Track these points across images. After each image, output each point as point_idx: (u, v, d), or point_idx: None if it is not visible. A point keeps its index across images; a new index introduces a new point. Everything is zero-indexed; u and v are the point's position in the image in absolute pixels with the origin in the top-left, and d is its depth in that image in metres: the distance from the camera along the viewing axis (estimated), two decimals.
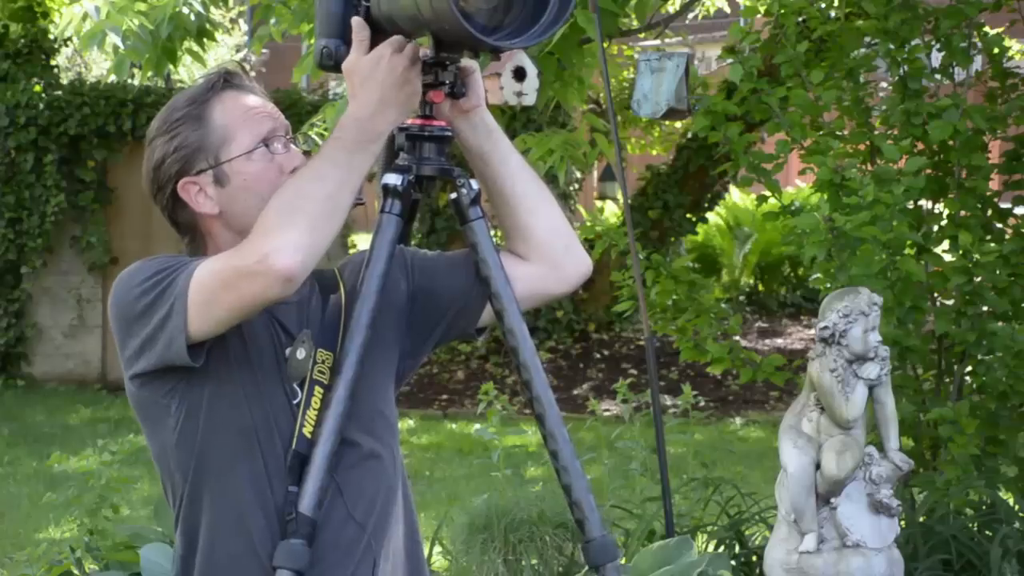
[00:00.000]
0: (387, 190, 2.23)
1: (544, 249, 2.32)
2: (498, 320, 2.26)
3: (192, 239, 2.27)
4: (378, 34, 2.25)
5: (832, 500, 3.64)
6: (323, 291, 2.28)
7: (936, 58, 4.92)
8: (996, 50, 4.91)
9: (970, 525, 4.69)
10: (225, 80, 2.22)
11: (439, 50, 2.16)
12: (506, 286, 2.24)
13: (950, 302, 4.82)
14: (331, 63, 2.24)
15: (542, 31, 2.12)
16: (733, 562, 4.61)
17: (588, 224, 12.14)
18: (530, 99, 5.01)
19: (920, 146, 4.82)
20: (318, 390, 2.17)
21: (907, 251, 4.61)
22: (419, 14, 2.07)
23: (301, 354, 2.17)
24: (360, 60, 2.14)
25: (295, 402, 2.17)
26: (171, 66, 6.05)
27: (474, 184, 2.27)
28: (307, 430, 2.14)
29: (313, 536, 2.11)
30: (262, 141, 2.19)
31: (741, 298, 13.40)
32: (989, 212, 4.92)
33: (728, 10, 10.25)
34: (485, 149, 2.28)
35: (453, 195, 2.27)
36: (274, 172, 2.18)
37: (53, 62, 10.93)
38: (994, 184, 5.07)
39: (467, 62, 2.21)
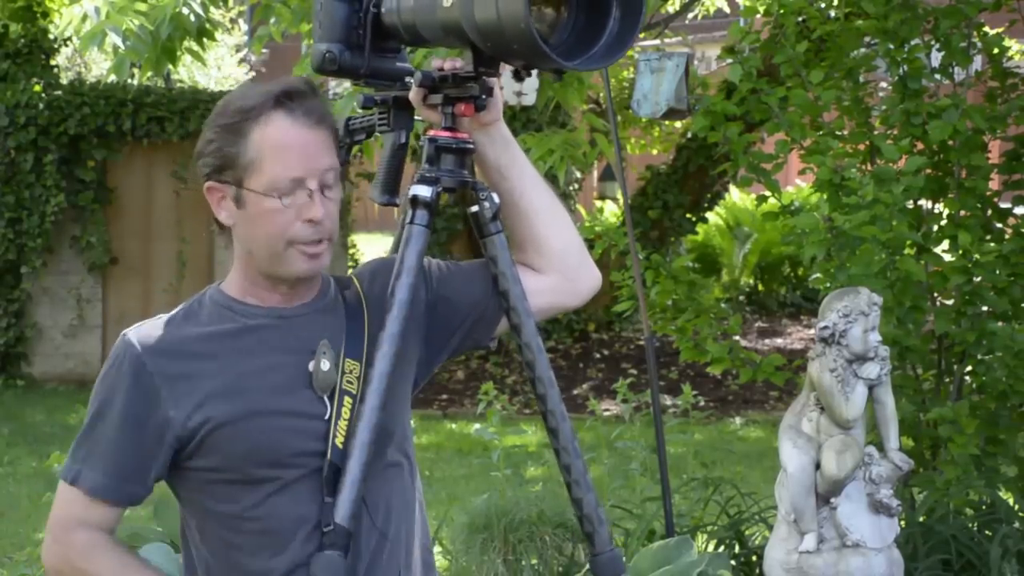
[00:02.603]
0: (416, 202, 2.21)
1: (558, 263, 2.32)
2: (514, 333, 2.26)
3: (222, 231, 2.23)
4: (389, 39, 2.24)
5: (832, 500, 3.65)
6: (345, 299, 2.27)
7: (936, 58, 4.92)
8: (996, 50, 4.91)
9: (970, 525, 4.69)
10: (279, 100, 2.13)
11: (479, 65, 2.15)
12: (523, 300, 2.25)
13: (950, 302, 4.82)
14: (334, 68, 2.23)
15: (602, 55, 2.10)
16: (733, 562, 4.61)
17: (588, 224, 12.15)
18: (530, 99, 5.00)
19: (920, 146, 4.82)
20: (347, 400, 2.16)
21: (907, 251, 4.61)
22: (472, 25, 2.04)
23: (326, 365, 2.17)
24: None
25: (325, 417, 2.16)
26: (171, 66, 6.05)
27: (495, 198, 2.27)
28: (339, 441, 2.14)
29: (349, 547, 2.10)
30: (285, 186, 2.12)
31: (741, 298, 13.40)
32: (989, 212, 4.92)
33: (728, 10, 10.25)
34: (503, 162, 2.29)
35: (474, 208, 2.26)
36: (288, 216, 2.14)
37: (53, 62, 10.93)
38: (994, 184, 5.07)
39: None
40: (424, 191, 2.21)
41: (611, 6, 2.09)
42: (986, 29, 4.98)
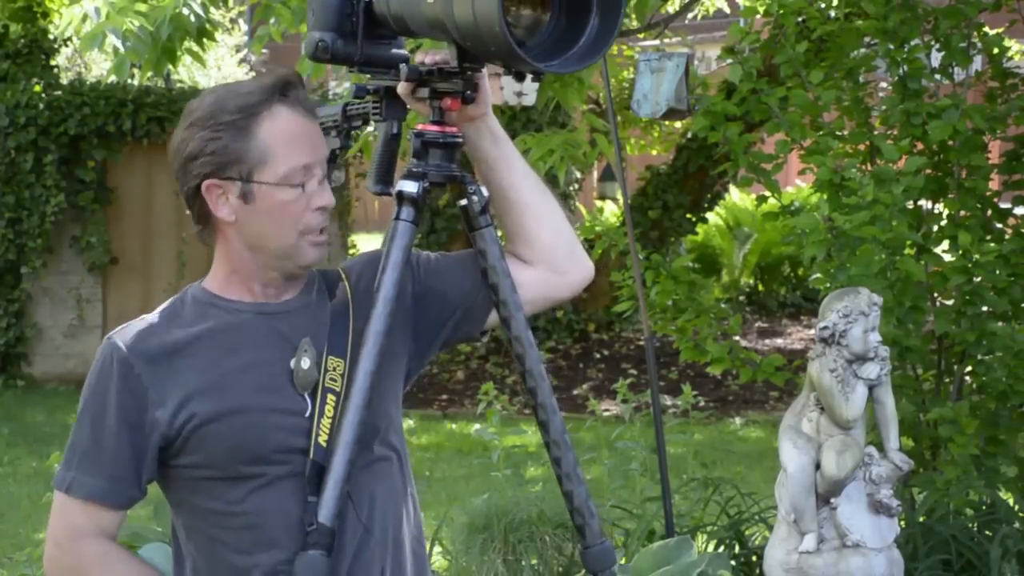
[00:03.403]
0: (402, 197, 2.22)
1: (548, 254, 2.33)
2: (504, 327, 2.26)
3: (205, 229, 2.22)
4: (379, 28, 2.25)
5: (832, 500, 3.64)
6: (332, 295, 2.27)
7: (936, 58, 4.92)
8: (996, 50, 4.91)
9: (970, 525, 4.69)
10: (281, 92, 2.16)
11: (463, 61, 2.15)
12: (513, 293, 2.25)
13: (950, 302, 4.82)
14: (327, 56, 2.23)
15: (580, 57, 2.10)
16: (733, 562, 4.61)
17: (588, 224, 12.16)
18: (530, 99, 5.00)
19: (920, 146, 4.82)
20: (331, 398, 2.16)
21: (907, 251, 4.61)
22: (453, 24, 2.05)
23: (306, 363, 2.17)
24: None
25: (306, 415, 2.17)
26: (171, 66, 6.05)
27: (484, 191, 2.28)
28: (323, 439, 2.14)
29: (332, 546, 2.10)
30: (297, 175, 2.15)
31: (741, 298, 13.40)
32: (989, 212, 4.92)
33: (728, 10, 10.25)
34: (491, 155, 2.30)
35: (463, 202, 2.27)
36: (300, 206, 2.16)
37: (53, 62, 10.94)
38: (994, 184, 5.07)
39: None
40: (410, 187, 2.22)
41: (591, 7, 2.09)
42: (986, 29, 4.98)
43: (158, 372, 2.15)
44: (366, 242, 13.29)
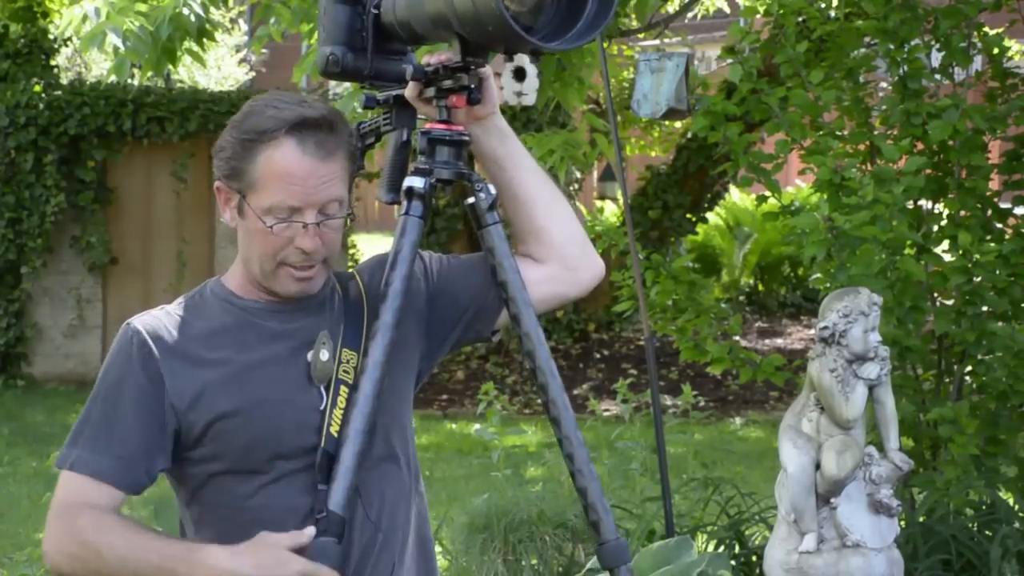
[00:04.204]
0: (411, 193, 2.24)
1: (559, 252, 2.34)
2: (514, 324, 2.27)
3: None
4: (388, 41, 2.26)
5: (832, 500, 3.64)
6: (344, 291, 2.29)
7: (936, 58, 4.92)
8: (996, 50, 4.91)
9: (970, 525, 4.68)
10: (292, 128, 2.16)
11: (466, 54, 2.16)
12: (522, 290, 2.26)
13: (950, 302, 4.82)
14: (337, 70, 2.25)
15: (579, 35, 2.12)
16: (733, 562, 4.61)
17: (588, 224, 12.15)
18: (530, 99, 4.99)
19: (920, 146, 4.82)
20: (344, 389, 2.18)
21: (907, 251, 4.61)
22: (454, 14, 2.07)
23: (324, 355, 2.19)
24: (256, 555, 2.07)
25: (320, 407, 2.18)
26: (171, 66, 6.05)
27: (491, 189, 2.29)
28: (334, 429, 2.15)
29: (343, 534, 2.11)
30: (280, 212, 2.16)
31: (741, 298, 13.41)
32: (989, 212, 4.92)
33: (728, 10, 10.25)
34: (499, 154, 2.31)
35: (470, 199, 2.28)
36: (280, 241, 2.18)
37: (53, 62, 10.94)
38: (994, 184, 5.07)
39: (482, 69, 2.22)
40: (418, 182, 2.24)
41: None
42: (986, 29, 4.98)
43: (175, 362, 2.17)
44: (366, 242, 13.29)
